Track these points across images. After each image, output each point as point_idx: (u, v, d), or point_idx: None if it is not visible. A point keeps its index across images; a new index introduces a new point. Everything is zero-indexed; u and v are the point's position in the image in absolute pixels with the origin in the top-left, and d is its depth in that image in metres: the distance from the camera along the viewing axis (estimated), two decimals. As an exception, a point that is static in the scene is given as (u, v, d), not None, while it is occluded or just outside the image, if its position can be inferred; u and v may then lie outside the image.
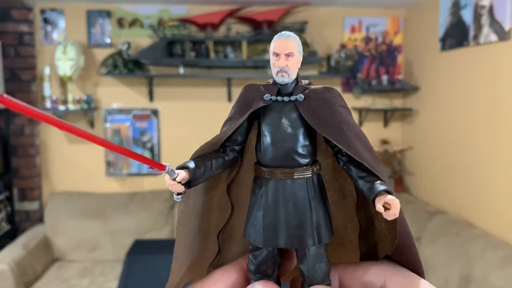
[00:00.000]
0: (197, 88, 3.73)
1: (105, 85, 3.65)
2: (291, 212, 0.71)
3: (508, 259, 2.33)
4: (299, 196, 0.72)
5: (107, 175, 3.74)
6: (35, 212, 3.60)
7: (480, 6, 2.73)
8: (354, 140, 0.68)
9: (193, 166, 0.69)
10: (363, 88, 3.67)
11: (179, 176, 0.67)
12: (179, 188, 0.68)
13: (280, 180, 0.71)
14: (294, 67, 0.71)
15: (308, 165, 0.72)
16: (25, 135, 3.52)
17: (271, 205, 0.72)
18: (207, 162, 0.71)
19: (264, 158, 0.73)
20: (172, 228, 3.56)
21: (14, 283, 2.78)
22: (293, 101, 0.71)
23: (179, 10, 3.62)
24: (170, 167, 0.65)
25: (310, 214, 0.71)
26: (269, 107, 0.73)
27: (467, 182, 2.94)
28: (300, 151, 0.72)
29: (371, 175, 0.66)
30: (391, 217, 0.60)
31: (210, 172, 0.71)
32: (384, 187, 0.63)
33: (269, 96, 0.72)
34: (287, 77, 0.71)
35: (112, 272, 3.20)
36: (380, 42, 3.80)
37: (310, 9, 3.68)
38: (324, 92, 0.72)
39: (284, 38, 0.71)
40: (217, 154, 0.73)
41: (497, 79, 2.62)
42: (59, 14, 3.55)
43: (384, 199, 0.61)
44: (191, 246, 0.79)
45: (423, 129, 3.53)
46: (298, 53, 0.71)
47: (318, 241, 0.70)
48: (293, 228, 0.71)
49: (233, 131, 0.74)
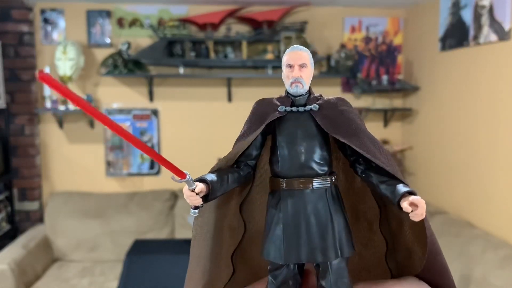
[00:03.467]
0: (197, 88, 3.73)
1: (105, 85, 3.65)
2: (312, 224, 0.69)
3: (508, 259, 2.33)
4: (319, 207, 0.70)
5: (107, 175, 3.74)
6: (35, 212, 3.60)
7: (480, 6, 2.73)
8: (371, 146, 0.69)
9: (212, 179, 0.68)
10: (363, 88, 3.67)
11: (198, 187, 0.65)
12: (197, 201, 0.66)
13: (299, 190, 0.70)
14: (307, 78, 0.73)
15: (326, 174, 0.71)
16: (25, 135, 3.52)
17: (291, 218, 0.70)
18: (224, 176, 0.70)
19: (281, 169, 0.72)
20: (172, 228, 3.56)
21: (14, 283, 2.78)
22: (308, 111, 0.72)
23: (179, 10, 3.62)
24: (191, 177, 0.65)
25: (332, 225, 0.69)
26: (284, 118, 0.73)
27: (467, 182, 2.94)
28: (318, 160, 0.71)
29: (392, 179, 0.66)
30: (418, 217, 0.60)
31: (227, 186, 0.70)
32: (407, 189, 0.63)
33: (284, 107, 0.73)
34: (301, 88, 0.73)
35: (112, 272, 3.20)
36: (380, 42, 3.80)
37: (310, 9, 3.68)
38: (338, 102, 0.74)
39: (297, 50, 0.75)
40: (232, 169, 0.73)
41: (497, 79, 2.62)
42: (59, 14, 3.55)
43: (409, 199, 0.61)
44: (204, 267, 0.76)
45: (423, 129, 3.53)
46: (310, 65, 0.74)
47: (340, 254, 0.68)
48: (315, 241, 0.68)
49: (248, 145, 0.73)
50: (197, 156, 3.59)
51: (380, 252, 0.78)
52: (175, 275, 2.57)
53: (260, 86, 3.72)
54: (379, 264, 0.78)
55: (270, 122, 0.72)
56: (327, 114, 0.71)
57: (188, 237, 3.33)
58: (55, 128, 3.63)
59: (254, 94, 3.72)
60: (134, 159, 3.74)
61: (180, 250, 2.89)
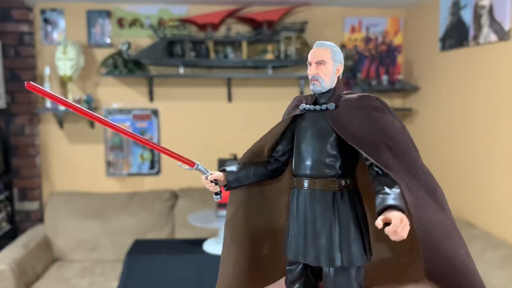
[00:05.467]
0: (197, 88, 3.73)
1: (105, 85, 3.65)
2: (318, 226, 0.67)
3: (508, 259, 2.33)
4: (323, 210, 0.67)
5: (107, 175, 3.74)
6: (35, 212, 3.60)
7: (480, 6, 2.73)
8: (383, 150, 0.63)
9: (230, 169, 0.73)
10: (363, 88, 3.67)
11: (213, 175, 0.71)
12: (212, 188, 0.72)
13: (305, 190, 0.69)
14: (326, 75, 0.70)
15: (335, 177, 0.68)
16: (25, 135, 3.52)
17: (298, 217, 0.70)
18: (247, 169, 0.74)
19: (295, 167, 0.72)
20: (172, 228, 3.56)
21: (14, 283, 2.78)
22: (324, 110, 0.70)
23: (179, 10, 3.62)
24: (200, 165, 0.70)
25: (339, 230, 0.66)
26: (303, 117, 0.72)
27: (467, 182, 2.94)
28: (326, 161, 0.68)
29: (388, 188, 0.61)
30: (391, 235, 0.55)
31: (248, 178, 0.74)
32: (393, 202, 0.58)
33: (304, 105, 0.73)
34: (319, 86, 0.70)
35: (112, 272, 3.20)
36: (380, 42, 3.80)
37: (310, 9, 3.68)
38: (357, 100, 0.70)
39: (318, 47, 0.72)
40: (259, 163, 0.76)
41: (497, 79, 2.62)
42: (59, 14, 3.55)
43: (385, 215, 0.57)
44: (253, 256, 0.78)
45: (423, 129, 3.53)
46: (332, 61, 0.70)
47: (348, 262, 0.65)
48: (321, 243, 0.67)
49: (274, 140, 0.75)
50: (197, 156, 3.54)
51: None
52: (175, 275, 2.57)
53: (260, 86, 3.72)
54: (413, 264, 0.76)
55: (296, 118, 0.73)
56: (341, 113, 0.68)
57: (188, 237, 3.33)
58: (55, 128, 3.63)
59: (254, 94, 3.72)
60: (134, 159, 3.74)
61: (180, 250, 2.89)
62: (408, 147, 0.67)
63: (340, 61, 0.71)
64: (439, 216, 0.61)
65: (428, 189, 0.63)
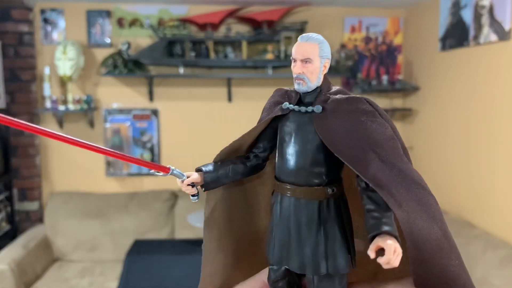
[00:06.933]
0: (197, 88, 3.72)
1: (105, 85, 3.65)
2: (303, 234, 0.64)
3: (508, 259, 2.33)
4: (308, 219, 0.64)
5: (107, 175, 3.74)
6: (35, 212, 3.60)
7: (480, 6, 2.73)
8: (374, 162, 0.59)
9: (207, 170, 0.69)
10: (363, 88, 3.67)
11: (190, 178, 0.68)
12: (189, 190, 0.69)
13: (289, 197, 0.65)
14: (312, 74, 0.64)
15: (321, 185, 0.64)
16: (25, 135, 3.52)
17: (281, 224, 0.66)
18: (226, 168, 0.69)
19: (277, 170, 0.68)
20: (172, 228, 3.56)
21: (14, 283, 2.78)
22: (310, 112, 0.64)
23: (179, 10, 3.62)
24: (175, 170, 0.67)
25: (325, 239, 0.63)
26: (287, 116, 0.67)
27: (467, 182, 2.94)
28: (311, 169, 0.64)
29: (380, 209, 0.58)
30: (384, 265, 0.53)
31: (227, 177, 0.69)
32: (386, 229, 0.55)
33: (287, 105, 0.66)
34: (304, 85, 0.64)
35: (112, 272, 3.20)
36: (380, 42, 3.80)
37: (310, 9, 3.68)
38: (349, 103, 0.63)
39: (303, 41, 0.64)
40: (238, 160, 0.71)
41: (497, 79, 2.62)
42: (59, 14, 3.54)
43: (378, 243, 0.54)
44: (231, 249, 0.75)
45: (423, 129, 3.53)
46: (319, 58, 0.64)
47: (333, 270, 0.63)
48: (306, 252, 0.64)
49: (254, 137, 0.70)
50: (197, 156, 3.57)
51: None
52: (175, 275, 2.57)
53: (260, 86, 3.72)
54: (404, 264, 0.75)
55: (279, 116, 0.68)
56: (330, 118, 0.63)
57: (188, 237, 3.33)
58: (55, 128, 3.63)
59: (254, 94, 3.72)
60: (134, 159, 3.73)
61: (180, 250, 2.89)
62: (398, 155, 0.62)
63: (327, 56, 0.65)
64: (429, 228, 0.58)
65: (419, 200, 0.60)
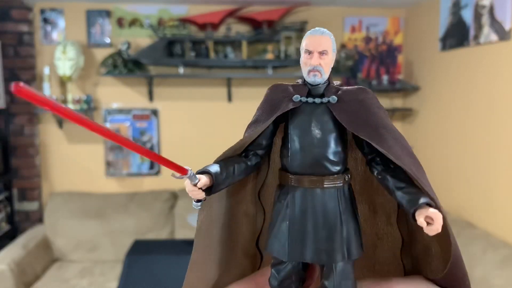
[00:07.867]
0: (197, 88, 3.72)
1: (105, 85, 3.65)
2: (320, 224, 0.65)
3: (508, 259, 2.32)
4: (329, 207, 0.65)
5: (107, 175, 3.73)
6: (35, 212, 3.60)
7: (480, 6, 2.72)
8: (393, 144, 0.62)
9: (215, 171, 0.64)
10: (363, 88, 3.66)
11: (201, 181, 0.62)
12: (199, 195, 0.63)
13: (308, 189, 0.65)
14: (327, 66, 0.65)
15: (340, 173, 0.66)
16: (25, 135, 3.51)
17: (297, 216, 0.66)
18: (230, 168, 0.66)
19: (291, 164, 0.67)
20: (172, 229, 3.56)
21: (14, 283, 2.78)
22: (325, 103, 0.65)
23: (179, 10, 3.61)
24: (192, 172, 0.62)
25: (341, 227, 0.64)
26: (298, 109, 0.67)
27: (467, 182, 2.94)
28: (331, 157, 0.65)
29: (410, 186, 0.60)
30: (433, 232, 0.55)
31: (233, 178, 0.66)
32: (425, 200, 0.57)
33: (299, 97, 0.66)
34: (320, 77, 0.65)
35: (112, 272, 3.19)
36: (380, 42, 3.80)
37: (310, 9, 3.67)
38: (358, 93, 0.66)
39: (319, 34, 0.65)
40: (239, 159, 0.68)
41: (497, 79, 2.62)
42: (58, 14, 3.54)
43: (425, 213, 0.56)
44: (215, 258, 0.72)
45: (423, 129, 3.53)
46: (332, 51, 0.66)
47: (348, 256, 0.64)
48: (322, 242, 0.64)
49: (257, 135, 0.68)
50: (197, 156, 3.58)
51: (396, 246, 0.74)
52: (175, 275, 2.57)
53: (260, 86, 3.72)
54: (393, 259, 0.75)
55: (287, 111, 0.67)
56: (346, 107, 0.65)
57: (188, 238, 3.32)
58: (55, 128, 3.63)
59: (254, 94, 3.71)
60: (134, 159, 3.74)
61: (180, 250, 2.89)
62: (400, 135, 0.67)
63: (335, 50, 0.68)
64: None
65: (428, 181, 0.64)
